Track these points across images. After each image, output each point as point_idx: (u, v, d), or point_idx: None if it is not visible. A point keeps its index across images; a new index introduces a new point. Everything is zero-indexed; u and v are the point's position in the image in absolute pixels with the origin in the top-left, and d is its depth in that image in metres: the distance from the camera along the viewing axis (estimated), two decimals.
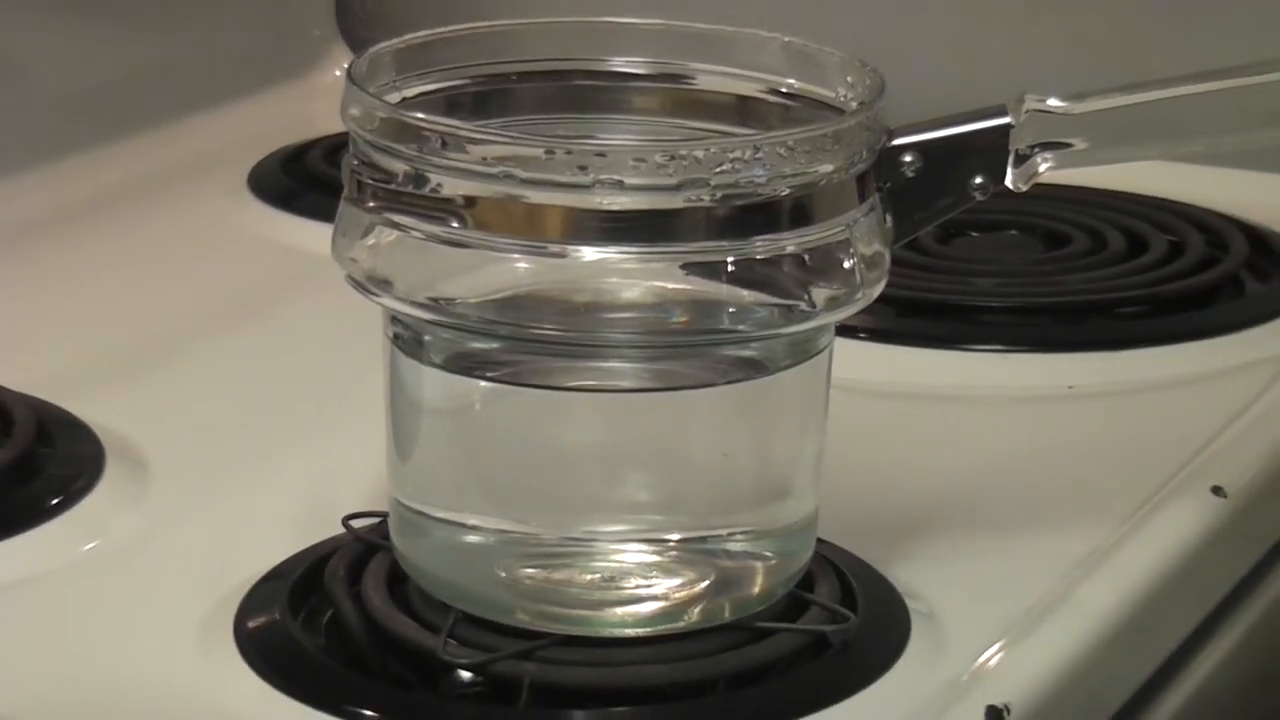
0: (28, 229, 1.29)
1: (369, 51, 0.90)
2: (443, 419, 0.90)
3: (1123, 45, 1.40)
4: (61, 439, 1.03)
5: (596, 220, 0.83)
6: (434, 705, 0.85)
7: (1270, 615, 1.05)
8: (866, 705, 0.86)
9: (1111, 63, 1.27)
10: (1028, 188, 0.92)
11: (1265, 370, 1.14)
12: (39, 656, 0.90)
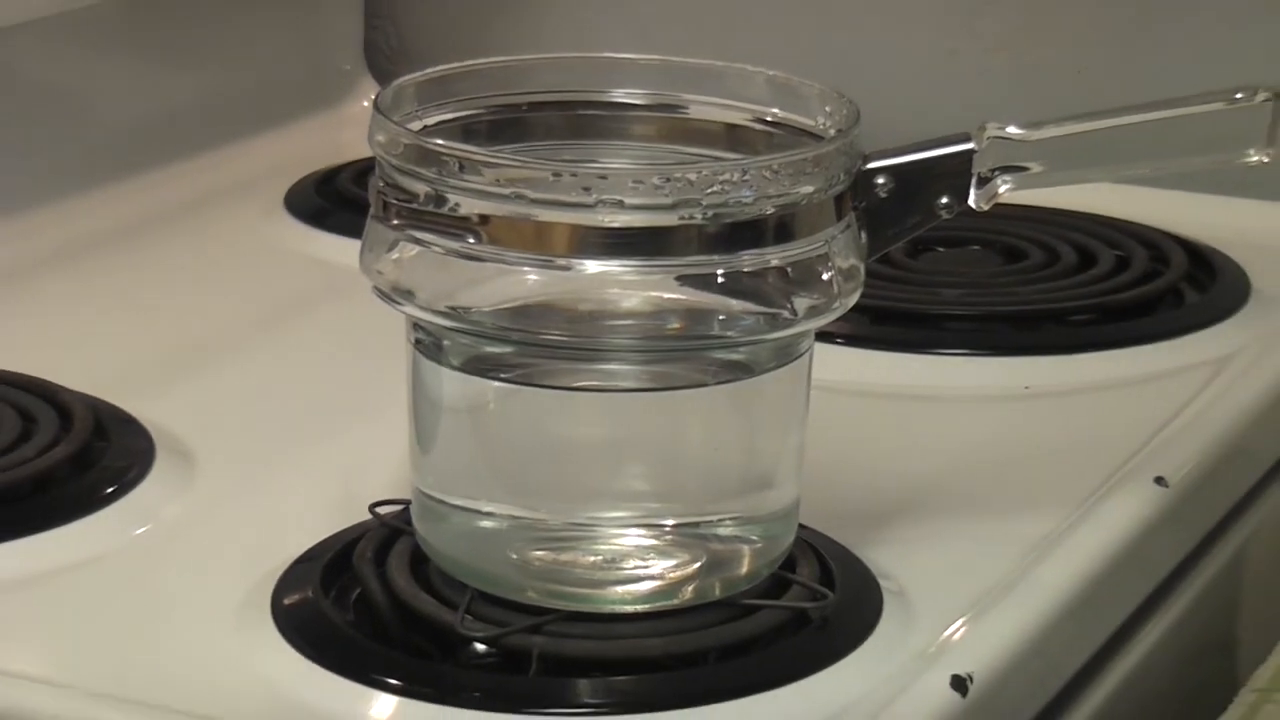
0: (88, 244, 1.29)
1: (393, 84, 0.90)
2: (460, 416, 0.89)
3: (1074, 78, 1.40)
4: (116, 434, 1.03)
5: (599, 236, 0.83)
6: (452, 674, 0.85)
7: (1207, 593, 1.05)
8: (843, 675, 0.86)
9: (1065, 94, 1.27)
10: (989, 207, 0.92)
11: (1202, 372, 1.14)
12: (96, 630, 0.90)
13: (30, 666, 0.88)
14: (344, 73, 1.52)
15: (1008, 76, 1.42)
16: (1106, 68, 1.39)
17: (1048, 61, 1.41)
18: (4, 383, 1.07)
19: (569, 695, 0.84)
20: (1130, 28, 1.39)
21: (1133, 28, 1.39)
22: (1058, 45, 1.41)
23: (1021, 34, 1.42)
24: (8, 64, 1.29)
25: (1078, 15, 1.40)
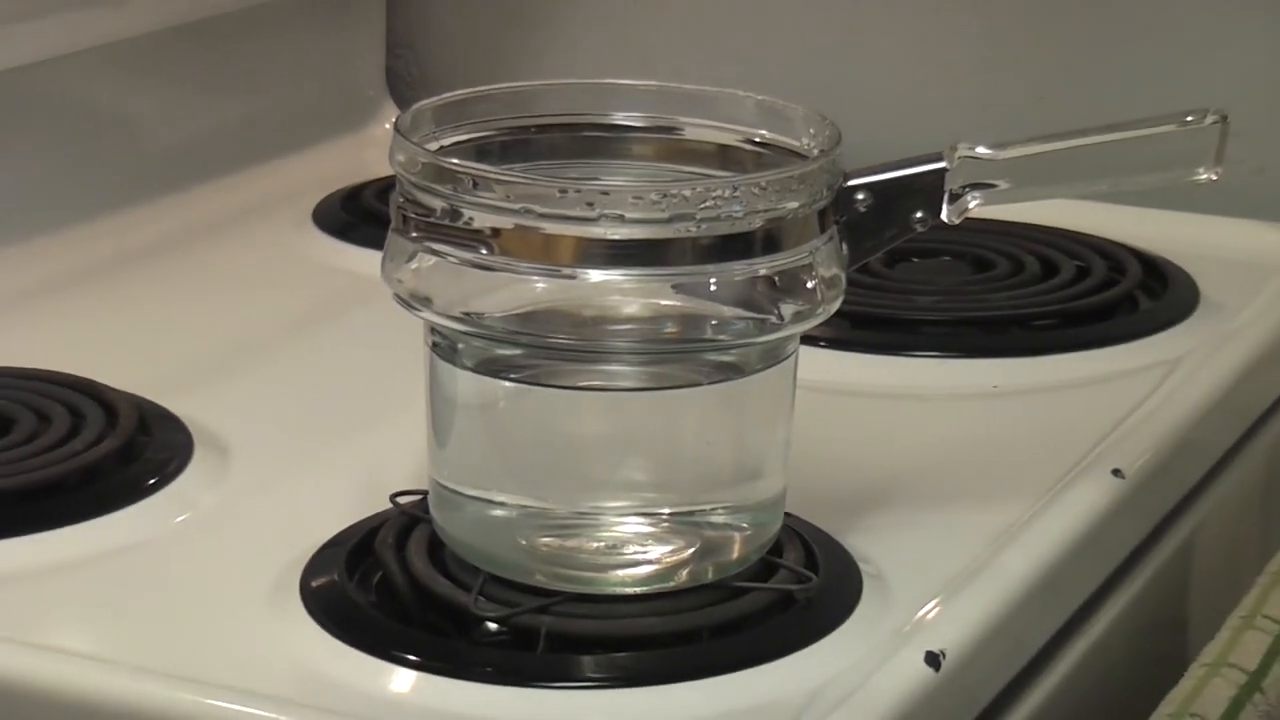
0: (133, 256, 1.29)
1: (413, 108, 0.90)
2: (473, 413, 0.89)
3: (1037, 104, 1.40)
4: (158, 429, 1.03)
5: (601, 248, 0.83)
6: (466, 651, 0.85)
7: (1160, 576, 1.05)
8: (826, 651, 0.86)
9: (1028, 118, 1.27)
10: (960, 221, 0.92)
11: (1156, 373, 1.14)
12: (139, 611, 0.90)
13: (78, 644, 0.88)
14: (368, 98, 1.52)
15: (976, 102, 1.42)
16: (1066, 94, 1.39)
17: (1013, 89, 1.41)
18: (55, 383, 1.07)
19: (574, 671, 0.84)
20: (1087, 57, 1.39)
21: (1090, 57, 1.39)
22: (1021, 74, 1.41)
23: (989, 64, 1.42)
24: (62, 90, 1.29)
25: (1039, 47, 1.40)
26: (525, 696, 0.82)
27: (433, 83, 1.51)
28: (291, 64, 1.46)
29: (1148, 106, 0.98)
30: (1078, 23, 1.39)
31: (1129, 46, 1.38)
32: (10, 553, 0.93)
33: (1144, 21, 1.37)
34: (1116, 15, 1.37)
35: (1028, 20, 1.40)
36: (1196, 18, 1.35)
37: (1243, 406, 1.16)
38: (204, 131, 1.39)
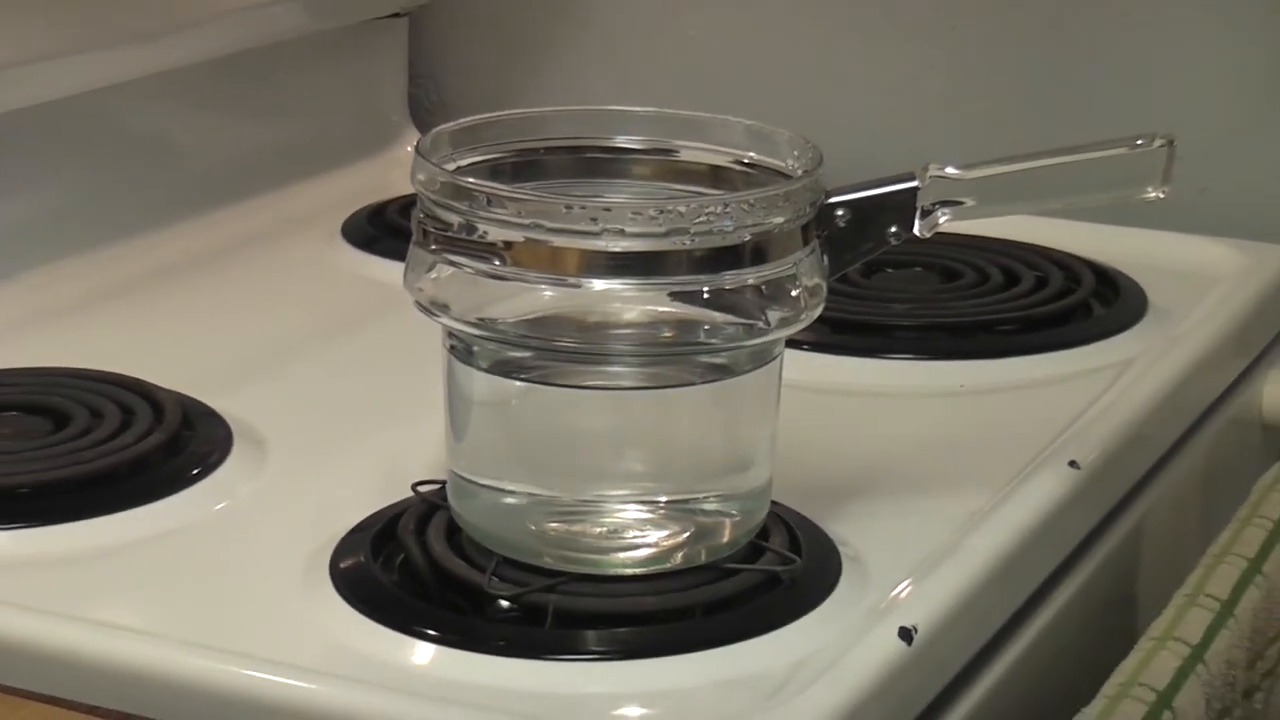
0: (178, 267, 1.29)
1: (432, 132, 0.90)
2: (487, 410, 0.89)
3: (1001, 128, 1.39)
4: (201, 425, 1.03)
5: (604, 259, 0.83)
6: (480, 627, 0.85)
7: (1112, 558, 1.05)
8: (808, 627, 0.86)
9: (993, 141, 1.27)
10: (930, 235, 0.92)
11: (1108, 374, 1.14)
12: (183, 589, 0.90)
13: (128, 619, 0.88)
14: (391, 122, 1.52)
15: (945, 126, 1.42)
16: (1027, 119, 1.39)
17: (978, 114, 1.41)
18: (107, 382, 1.07)
19: (579, 644, 0.84)
20: (1046, 86, 1.39)
21: (1048, 86, 1.39)
22: (986, 101, 1.41)
23: (956, 92, 1.42)
24: (115, 116, 1.29)
25: (1002, 76, 1.40)
26: (534, 668, 0.82)
27: (450, 109, 1.51)
28: (321, 92, 1.46)
29: (1101, 131, 0.98)
30: (1037, 54, 1.39)
31: (1084, 76, 1.37)
32: (65, 537, 0.93)
33: (1098, 54, 1.37)
34: (1073, 47, 1.37)
35: (992, 52, 1.40)
36: (1146, 51, 1.35)
37: (1187, 404, 1.16)
38: (242, 154, 1.39)
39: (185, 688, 0.81)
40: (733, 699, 0.81)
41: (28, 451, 0.99)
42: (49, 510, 0.94)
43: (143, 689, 0.81)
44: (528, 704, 0.79)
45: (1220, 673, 0.99)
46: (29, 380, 1.07)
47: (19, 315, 1.19)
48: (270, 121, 1.41)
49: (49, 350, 1.13)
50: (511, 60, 1.53)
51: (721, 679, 0.82)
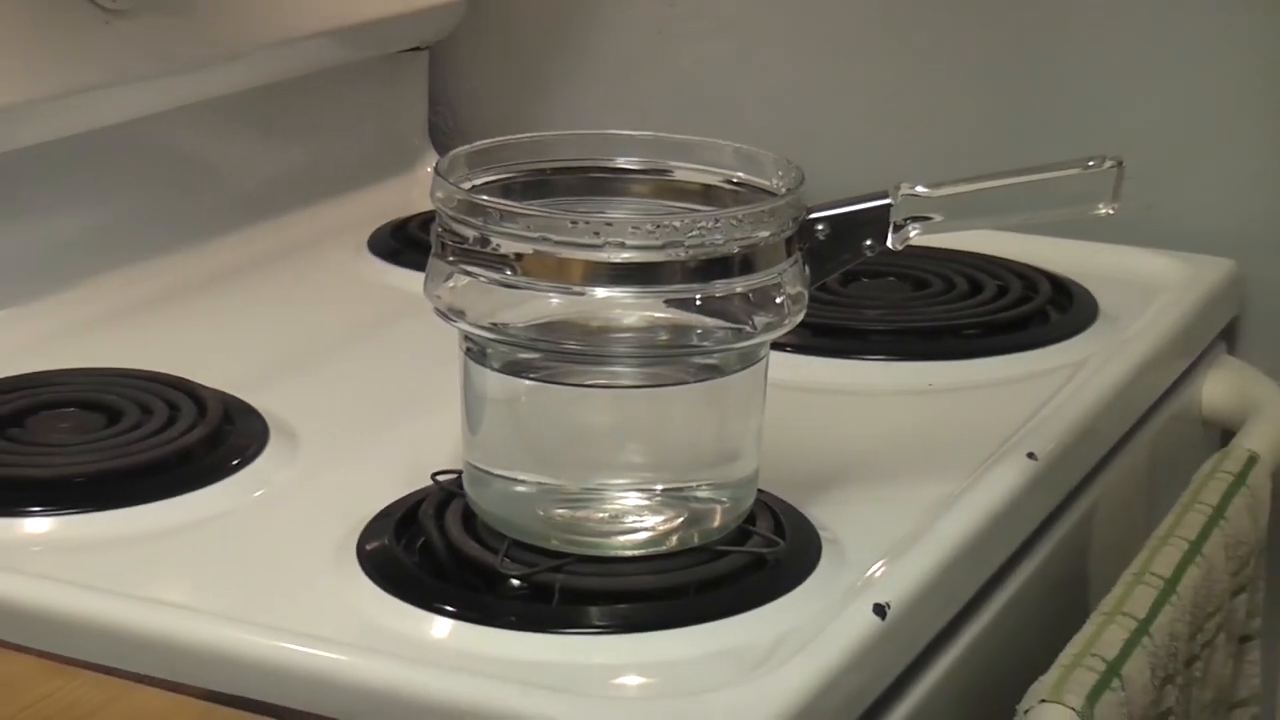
0: (219, 276, 1.28)
1: (449, 154, 0.90)
2: (500, 406, 0.89)
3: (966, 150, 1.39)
4: (240, 420, 1.03)
5: (606, 270, 0.83)
6: (493, 603, 0.84)
7: (1066, 540, 1.05)
8: (791, 603, 0.86)
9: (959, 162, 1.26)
10: (902, 248, 0.92)
11: (1062, 374, 1.13)
12: (223, 569, 0.90)
13: (174, 596, 0.88)
14: (413, 145, 1.52)
15: (915, 149, 1.41)
16: (989, 142, 1.39)
17: (946, 137, 1.41)
18: (155, 381, 1.06)
19: (583, 619, 0.84)
20: (1008, 111, 1.38)
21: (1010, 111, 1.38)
22: (953, 126, 1.41)
23: (926, 117, 1.42)
24: (164, 139, 1.29)
25: (968, 103, 1.40)
26: (542, 641, 0.82)
27: (466, 133, 1.51)
28: (350, 118, 1.46)
29: (1056, 153, 0.98)
30: (998, 83, 1.39)
31: (1041, 103, 1.37)
32: (117, 522, 0.93)
33: (1054, 83, 1.37)
34: (1031, 77, 1.37)
35: (957, 81, 1.40)
36: (1098, 81, 1.35)
37: (1133, 402, 1.16)
38: (278, 174, 1.39)
39: (226, 658, 0.81)
40: (722, 669, 0.81)
41: (84, 444, 0.99)
42: (103, 497, 0.94)
43: (187, 659, 0.81)
44: (536, 673, 0.79)
45: (1164, 644, 0.99)
46: (85, 379, 1.07)
47: (76, 321, 1.19)
48: (303, 145, 1.41)
49: (103, 352, 1.13)
50: (521, 89, 1.53)
51: (712, 651, 0.82)
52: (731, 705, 0.76)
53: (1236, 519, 1.12)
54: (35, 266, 1.20)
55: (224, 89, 1.31)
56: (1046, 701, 0.89)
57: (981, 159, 1.32)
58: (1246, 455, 1.18)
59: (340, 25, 1.38)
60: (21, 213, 1.19)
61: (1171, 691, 1.00)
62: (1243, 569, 1.14)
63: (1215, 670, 1.11)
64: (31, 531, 0.92)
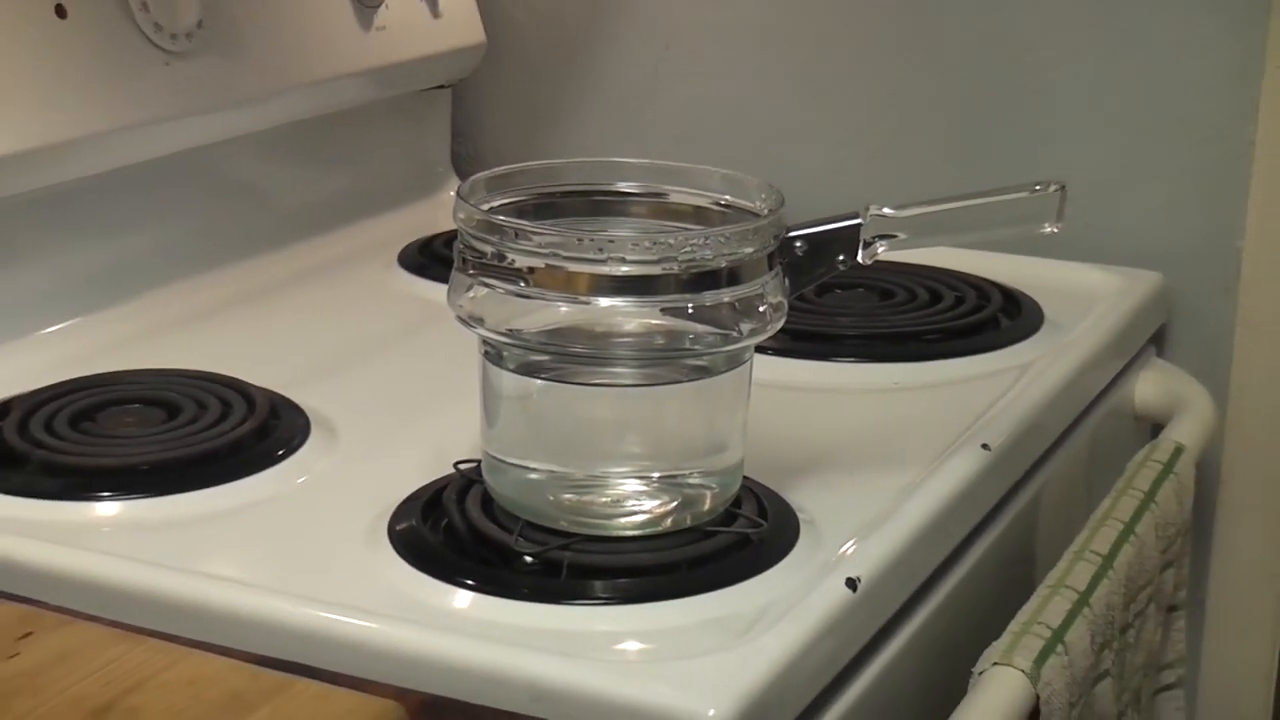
0: (266, 289, 1.28)
1: (469, 179, 0.90)
2: (514, 403, 0.89)
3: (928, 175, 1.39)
4: (285, 415, 1.03)
5: (609, 282, 0.83)
6: (509, 578, 0.84)
7: (1015, 522, 1.04)
8: (772, 578, 0.85)
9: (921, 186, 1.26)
10: (871, 262, 0.92)
11: (1012, 374, 1.13)
12: (270, 547, 0.90)
13: (226, 571, 0.87)
14: (437, 172, 1.52)
15: (883, 175, 1.41)
16: (949, 169, 1.39)
17: (909, 165, 1.41)
18: (210, 380, 1.06)
19: (588, 592, 0.83)
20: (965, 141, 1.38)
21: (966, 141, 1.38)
22: (916, 154, 1.40)
23: (892, 147, 1.41)
24: (219, 166, 1.29)
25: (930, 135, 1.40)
26: (552, 610, 0.82)
27: (485, 161, 1.51)
28: (382, 148, 1.46)
29: (1007, 178, 0.98)
30: (957, 116, 1.38)
31: (994, 133, 1.37)
32: (175, 506, 0.92)
33: (1005, 116, 1.36)
34: (986, 111, 1.37)
35: (920, 115, 1.40)
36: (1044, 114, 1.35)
37: (1074, 398, 1.16)
38: (318, 197, 1.39)
39: (272, 626, 0.81)
40: (711, 635, 0.80)
41: (146, 436, 0.99)
42: (164, 484, 0.94)
43: (238, 626, 0.81)
44: (547, 640, 0.79)
45: (1102, 614, 0.99)
46: (148, 379, 1.07)
47: (142, 327, 1.19)
48: (341, 171, 1.41)
49: (164, 355, 1.12)
50: (533, 122, 1.53)
51: (702, 620, 0.82)
52: (719, 668, 0.76)
53: (1165, 503, 1.12)
54: (106, 279, 1.20)
55: (271, 122, 1.31)
56: (999, 664, 0.89)
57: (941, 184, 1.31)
58: (1174, 446, 1.18)
59: (374, 66, 1.37)
60: (96, 232, 1.19)
61: (1108, 655, 1.00)
62: (1170, 547, 1.14)
63: (1146, 636, 1.11)
64: (102, 514, 0.92)
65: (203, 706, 0.68)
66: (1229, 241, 1.31)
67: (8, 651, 0.71)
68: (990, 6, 1.35)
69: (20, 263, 1.14)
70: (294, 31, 1.30)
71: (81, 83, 1.13)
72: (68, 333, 1.16)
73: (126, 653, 0.72)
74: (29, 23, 1.10)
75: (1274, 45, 1.26)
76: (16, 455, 0.96)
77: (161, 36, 1.18)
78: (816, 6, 1.41)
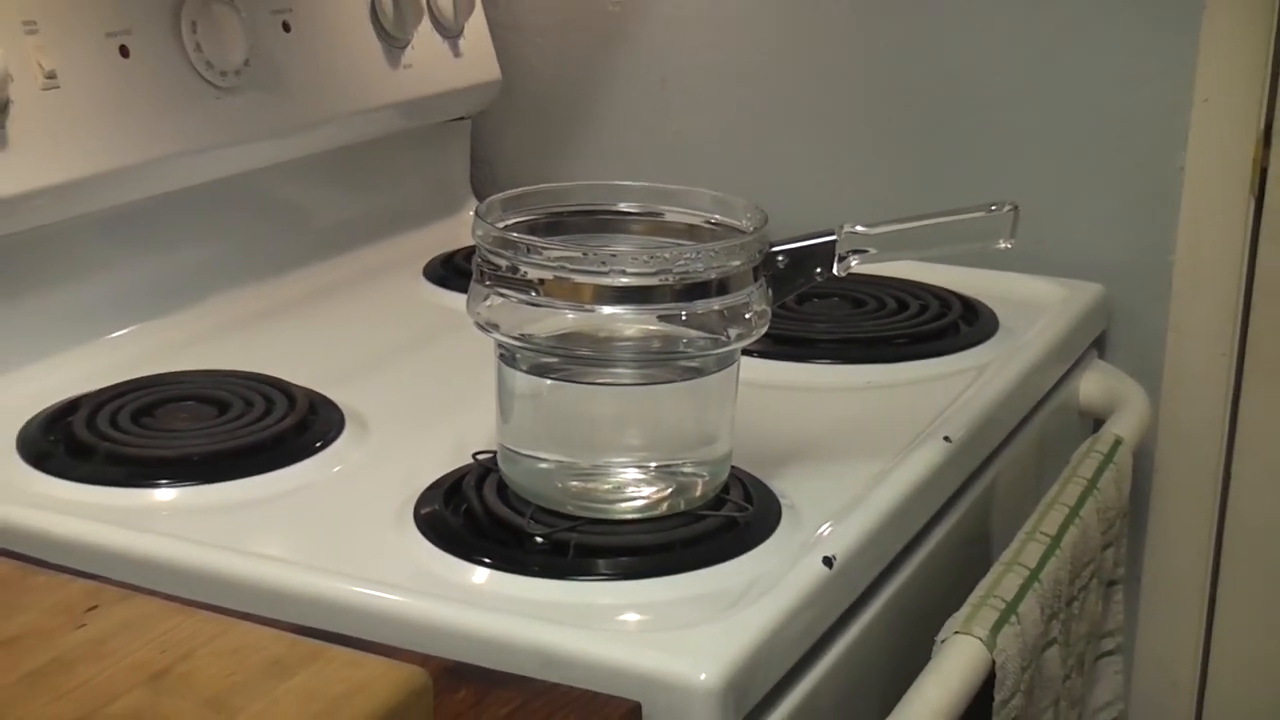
0: (306, 298, 1.28)
1: (486, 201, 0.89)
2: (526, 400, 0.88)
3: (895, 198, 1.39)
4: (322, 410, 1.02)
5: (610, 292, 0.83)
6: (522, 556, 0.84)
7: (973, 507, 1.04)
8: (756, 557, 0.85)
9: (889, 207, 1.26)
10: (845, 274, 0.92)
11: (970, 374, 1.13)
12: (309, 529, 0.89)
13: (269, 550, 0.87)
14: (458, 194, 1.51)
15: (856, 196, 1.41)
16: (914, 191, 1.39)
17: (879, 187, 1.40)
18: (256, 380, 1.06)
19: (593, 569, 0.83)
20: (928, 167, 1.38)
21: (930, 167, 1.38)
22: (886, 179, 1.40)
23: (864, 172, 1.41)
24: (263, 189, 1.29)
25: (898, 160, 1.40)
26: (560, 585, 0.81)
27: (500, 184, 1.50)
28: (408, 173, 1.46)
29: (966, 199, 0.98)
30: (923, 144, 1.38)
31: (955, 160, 1.37)
32: (224, 492, 0.92)
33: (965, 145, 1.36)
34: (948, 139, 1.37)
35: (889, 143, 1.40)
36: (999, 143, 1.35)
37: (1026, 396, 1.15)
38: (352, 216, 1.38)
39: (310, 598, 0.80)
40: (701, 608, 0.80)
41: (199, 430, 0.98)
42: (213, 473, 0.93)
43: (280, 599, 0.81)
44: (555, 611, 0.78)
45: (1050, 588, 0.98)
46: (201, 379, 1.06)
47: (195, 332, 1.18)
48: (371, 193, 1.41)
49: (215, 357, 1.12)
50: (543, 150, 1.53)
51: (694, 594, 0.81)
52: (710, 637, 0.76)
53: (1106, 489, 1.12)
54: (164, 290, 1.19)
55: (309, 150, 1.31)
56: (959, 633, 0.89)
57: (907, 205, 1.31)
58: (1114, 439, 1.18)
59: (401, 100, 1.37)
60: (155, 248, 1.19)
61: (1056, 625, 1.00)
62: (1110, 528, 1.14)
63: (1089, 608, 1.10)
64: (159, 500, 0.92)
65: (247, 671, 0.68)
66: (1162, 256, 1.31)
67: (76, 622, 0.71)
68: (950, 50, 1.35)
69: (88, 275, 1.14)
70: (329, 69, 1.30)
71: (142, 115, 1.13)
72: (129, 338, 1.15)
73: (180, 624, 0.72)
74: (97, 62, 1.10)
75: (1200, 83, 1.27)
76: (84, 447, 0.96)
77: (212, 74, 1.18)
78: (795, 51, 1.41)
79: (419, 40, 1.39)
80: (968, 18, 1.34)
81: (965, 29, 1.34)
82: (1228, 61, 1.25)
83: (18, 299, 1.08)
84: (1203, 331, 1.31)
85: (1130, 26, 1.28)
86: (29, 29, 1.06)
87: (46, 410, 1.01)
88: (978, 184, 1.35)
